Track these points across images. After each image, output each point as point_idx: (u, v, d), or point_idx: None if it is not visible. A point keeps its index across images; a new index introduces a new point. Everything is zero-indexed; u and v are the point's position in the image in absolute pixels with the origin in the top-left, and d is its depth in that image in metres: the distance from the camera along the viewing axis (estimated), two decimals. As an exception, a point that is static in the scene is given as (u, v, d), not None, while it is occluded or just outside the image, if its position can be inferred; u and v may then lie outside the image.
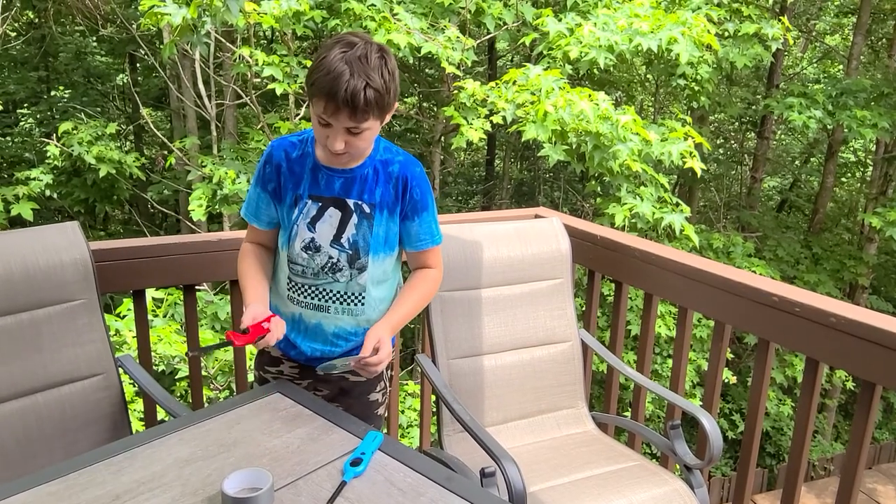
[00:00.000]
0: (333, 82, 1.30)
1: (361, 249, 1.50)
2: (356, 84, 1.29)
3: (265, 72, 3.95)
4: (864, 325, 1.56)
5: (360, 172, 1.48)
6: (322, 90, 1.31)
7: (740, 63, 4.85)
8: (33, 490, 1.17)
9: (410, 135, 8.79)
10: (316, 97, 1.34)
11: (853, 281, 7.25)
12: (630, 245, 2.18)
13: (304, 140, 1.52)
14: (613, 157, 3.76)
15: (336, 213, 1.49)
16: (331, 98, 1.31)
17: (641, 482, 1.77)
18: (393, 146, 1.53)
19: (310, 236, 1.49)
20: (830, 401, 7.36)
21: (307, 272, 1.51)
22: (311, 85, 1.34)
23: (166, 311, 3.86)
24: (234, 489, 1.14)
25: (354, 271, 1.51)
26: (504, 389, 2.06)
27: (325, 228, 1.49)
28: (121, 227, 9.19)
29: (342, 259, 1.50)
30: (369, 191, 1.49)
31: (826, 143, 8.11)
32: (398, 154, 1.52)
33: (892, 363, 1.51)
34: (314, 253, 1.50)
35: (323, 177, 1.48)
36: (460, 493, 1.19)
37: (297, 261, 1.52)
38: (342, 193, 1.48)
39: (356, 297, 1.53)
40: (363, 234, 1.49)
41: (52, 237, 1.70)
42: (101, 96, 9.12)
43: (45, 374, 1.66)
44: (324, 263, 1.50)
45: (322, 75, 1.31)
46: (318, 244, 1.50)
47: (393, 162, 1.50)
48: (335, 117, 1.34)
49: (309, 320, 1.56)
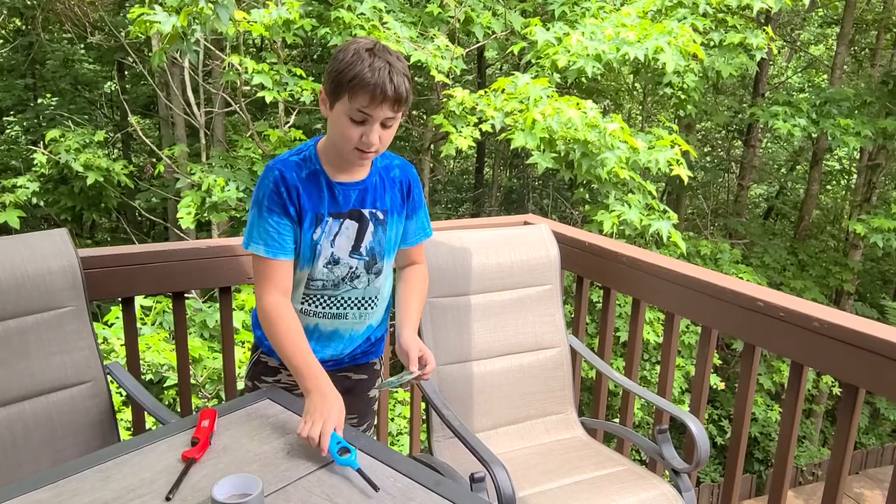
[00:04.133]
0: (378, 75, 1.32)
1: (377, 255, 1.53)
2: (397, 76, 1.34)
3: (255, 80, 3.96)
4: (847, 329, 1.58)
5: (370, 182, 1.51)
6: (367, 84, 1.32)
7: (726, 72, 4.91)
8: (22, 497, 1.17)
9: (400, 142, 8.81)
10: (359, 93, 1.33)
11: (839, 287, 7.33)
12: (618, 251, 2.20)
13: (306, 158, 1.48)
14: (601, 164, 3.80)
15: (353, 224, 1.49)
16: (378, 90, 1.32)
17: (630, 486, 1.78)
18: (385, 151, 1.54)
19: (331, 251, 1.50)
20: (817, 406, 7.41)
21: (327, 284, 1.52)
22: (349, 81, 1.33)
23: (154, 320, 3.84)
24: (223, 495, 1.14)
25: (372, 276, 1.53)
26: (493, 395, 2.07)
27: (342, 241, 1.50)
28: (108, 234, 9.14)
29: (360, 267, 1.52)
30: (380, 198, 1.52)
31: (811, 152, 8.21)
32: (394, 158, 1.56)
33: (874, 367, 1.54)
34: (334, 266, 1.51)
35: (339, 192, 1.48)
36: (450, 497, 1.20)
37: (318, 277, 1.51)
38: (357, 204, 1.50)
39: (371, 301, 1.56)
40: (378, 239, 1.52)
41: (41, 244, 1.70)
42: (89, 104, 9.08)
43: (33, 381, 1.65)
44: (344, 274, 1.51)
45: (361, 70, 1.32)
46: (338, 257, 1.50)
47: (392, 167, 1.54)
48: (378, 109, 1.35)
49: (325, 329, 1.57)
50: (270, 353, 1.64)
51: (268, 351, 1.65)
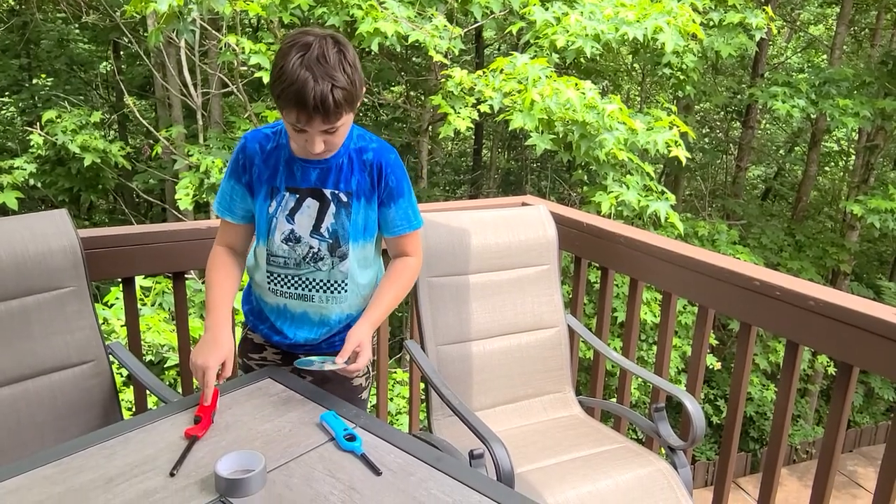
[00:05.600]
0: (300, 92, 1.29)
1: (341, 238, 1.51)
2: (323, 89, 1.29)
3: (252, 60, 3.93)
4: (841, 308, 1.60)
5: (336, 162, 1.49)
6: (290, 101, 1.31)
7: (725, 52, 4.88)
8: (28, 473, 1.19)
9: (398, 124, 8.77)
10: (286, 108, 1.33)
11: (835, 267, 7.35)
12: (615, 232, 2.21)
13: (277, 132, 1.51)
14: (600, 145, 3.79)
15: (314, 203, 1.50)
16: (301, 108, 1.31)
17: (626, 463, 1.81)
18: (367, 133, 1.53)
19: (289, 228, 1.50)
20: (813, 386, 7.48)
21: (289, 263, 1.53)
22: (277, 96, 1.34)
23: (154, 300, 3.85)
24: (227, 471, 1.16)
25: (336, 259, 1.52)
26: (492, 374, 2.09)
27: (303, 219, 1.50)
28: (106, 216, 9.11)
29: (323, 248, 1.51)
30: (345, 180, 1.49)
31: (810, 133, 8.19)
32: (372, 141, 1.52)
33: (868, 345, 1.56)
34: (295, 244, 1.51)
35: (298, 168, 1.49)
36: (449, 472, 1.22)
37: (278, 253, 1.53)
38: (319, 184, 1.49)
39: (339, 285, 1.55)
40: (342, 222, 1.50)
41: (41, 225, 1.70)
42: (85, 84, 9.01)
43: (36, 361, 1.67)
44: (305, 254, 1.52)
45: (287, 86, 1.30)
46: (298, 235, 1.51)
47: (367, 150, 1.50)
48: (309, 124, 1.34)
49: (294, 310, 1.58)
50: (255, 330, 1.66)
51: (252, 327, 1.67)
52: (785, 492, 4.57)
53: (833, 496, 1.74)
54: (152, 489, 1.15)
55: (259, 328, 1.65)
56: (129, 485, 1.16)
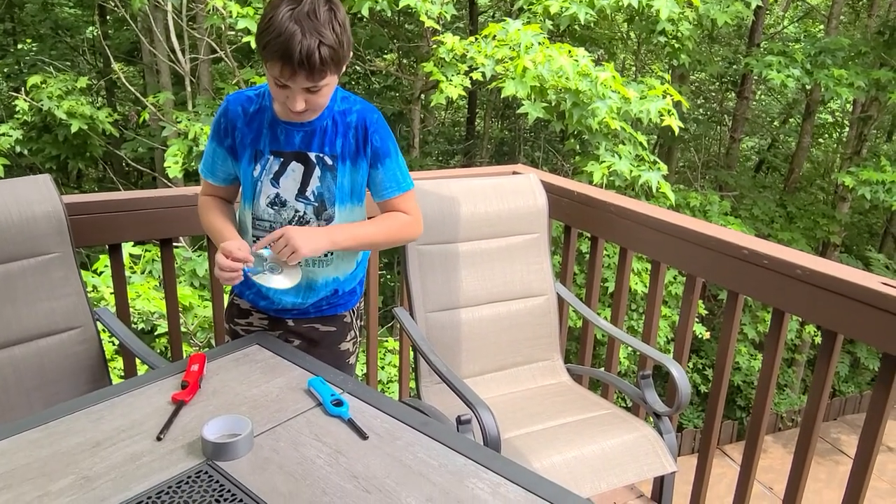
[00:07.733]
0: (286, 45, 1.26)
1: (327, 201, 1.50)
2: (310, 44, 1.26)
3: (239, 24, 3.86)
4: (828, 276, 1.61)
5: (320, 125, 1.47)
6: (275, 54, 1.28)
7: (721, 20, 4.83)
8: (14, 437, 1.19)
9: (390, 92, 8.67)
10: (270, 61, 1.30)
11: (825, 239, 7.39)
12: (605, 200, 2.21)
13: (260, 94, 1.49)
14: (592, 114, 3.76)
15: (299, 167, 1.48)
16: (286, 61, 1.28)
17: (613, 429, 1.83)
18: (351, 95, 1.51)
19: (274, 192, 1.49)
20: (800, 356, 7.57)
21: (275, 227, 1.51)
22: (262, 48, 1.30)
23: (144, 268, 3.83)
24: (213, 435, 1.17)
25: (322, 223, 1.51)
26: (481, 342, 2.10)
27: (288, 183, 1.49)
28: (95, 185, 9.02)
29: (309, 212, 1.50)
30: (330, 142, 1.47)
31: (804, 104, 8.15)
32: (355, 103, 1.49)
33: (853, 313, 1.57)
34: (280, 208, 1.50)
35: (282, 132, 1.47)
36: (435, 436, 1.23)
37: (264, 217, 1.51)
38: (303, 147, 1.47)
39: None
40: (327, 185, 1.49)
41: (24, 190, 1.68)
42: (71, 50, 8.84)
43: (20, 327, 1.66)
44: (290, 217, 1.50)
45: (273, 38, 1.27)
46: (284, 199, 1.49)
47: (350, 111, 1.48)
48: (293, 79, 1.31)
49: None
50: (241, 295, 1.66)
51: (238, 293, 1.66)
52: (770, 458, 4.66)
53: (817, 462, 1.77)
54: (139, 453, 1.16)
55: (245, 294, 1.65)
56: (116, 448, 1.17)
